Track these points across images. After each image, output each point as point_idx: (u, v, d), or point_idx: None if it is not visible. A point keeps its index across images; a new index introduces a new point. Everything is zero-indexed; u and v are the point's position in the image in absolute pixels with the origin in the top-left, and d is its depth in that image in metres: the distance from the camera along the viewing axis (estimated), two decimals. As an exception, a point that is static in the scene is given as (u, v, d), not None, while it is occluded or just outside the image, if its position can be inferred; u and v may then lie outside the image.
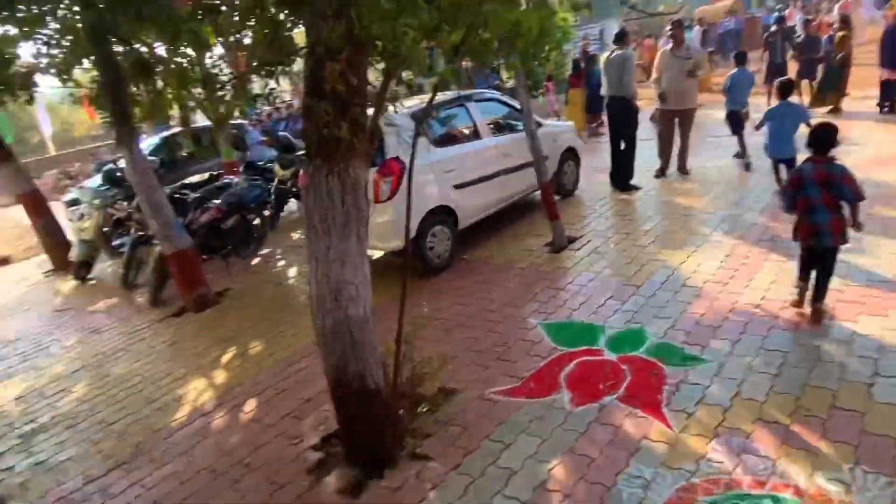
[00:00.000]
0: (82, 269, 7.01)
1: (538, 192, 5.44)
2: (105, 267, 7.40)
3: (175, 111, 5.70)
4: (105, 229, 6.95)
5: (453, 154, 5.16)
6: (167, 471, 2.95)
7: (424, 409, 3.01)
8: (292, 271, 5.98)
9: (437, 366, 3.34)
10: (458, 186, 5.10)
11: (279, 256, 6.61)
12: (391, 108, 2.95)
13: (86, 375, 4.33)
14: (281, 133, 9.77)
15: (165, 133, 9.70)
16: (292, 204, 8.17)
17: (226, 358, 4.16)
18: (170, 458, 3.05)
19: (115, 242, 6.92)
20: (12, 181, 7.76)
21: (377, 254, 5.42)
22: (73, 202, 8.64)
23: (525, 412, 2.86)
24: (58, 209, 8.42)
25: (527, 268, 4.75)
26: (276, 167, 7.74)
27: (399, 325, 2.91)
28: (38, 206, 7.82)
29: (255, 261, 6.51)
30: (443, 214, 4.98)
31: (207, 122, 8.91)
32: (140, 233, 5.97)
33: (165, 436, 3.28)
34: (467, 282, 4.69)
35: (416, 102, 5.04)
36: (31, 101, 6.42)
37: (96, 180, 8.78)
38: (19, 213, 9.16)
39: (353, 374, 2.52)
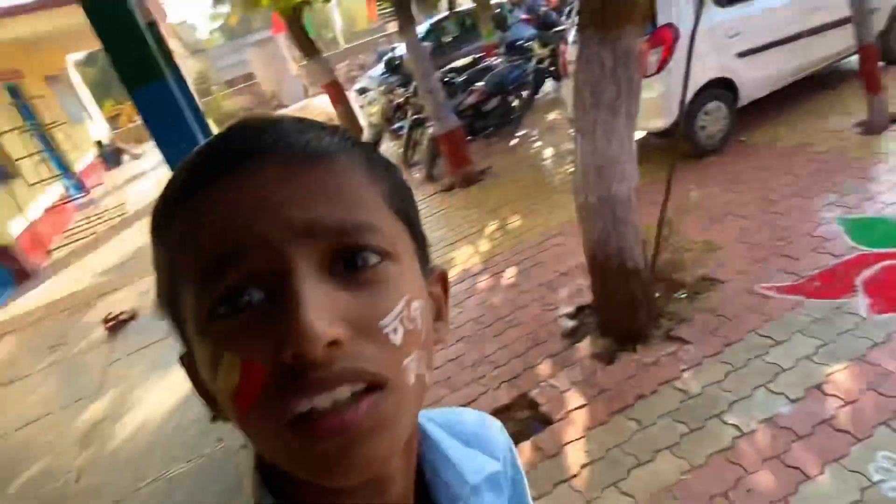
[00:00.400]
0: (372, 148, 8.24)
1: (853, 58, 4.36)
2: (390, 147, 8.57)
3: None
4: (388, 115, 7.96)
5: (740, 14, 4.38)
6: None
7: (683, 296, 2.93)
8: (548, 152, 6.08)
9: (700, 253, 3.17)
10: (743, 54, 4.38)
11: (535, 137, 6.74)
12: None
13: (380, 235, 5.26)
14: (542, 8, 9.50)
15: (433, 19, 10.28)
16: (548, 85, 8.09)
17: (489, 229, 4.58)
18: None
19: (395, 125, 7.90)
20: (319, 73, 9.27)
21: (639, 134, 5.13)
22: (362, 90, 10.00)
23: (804, 312, 2.57)
24: (351, 97, 9.84)
25: (826, 152, 3.98)
26: (536, 45, 7.66)
27: (662, 207, 2.81)
28: (337, 94, 9.26)
29: (513, 141, 6.77)
30: (720, 88, 4.39)
31: (471, 5, 9.12)
32: (416, 116, 6.69)
33: (442, 289, 3.87)
34: (744, 167, 4.17)
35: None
36: (327, -1, 7.40)
37: (379, 69, 9.93)
38: (324, 101, 10.99)
39: (612, 250, 2.56)
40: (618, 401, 2.39)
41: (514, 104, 6.76)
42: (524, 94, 7.00)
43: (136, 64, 1.44)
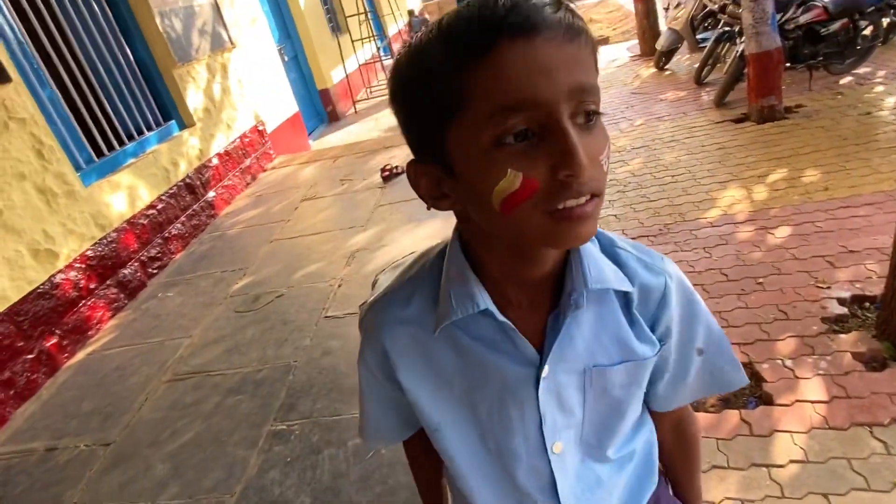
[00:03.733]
0: (663, 58, 7.49)
1: None
2: (682, 59, 7.69)
3: None
4: (694, 22, 7.03)
5: None
6: (686, 255, 3.25)
7: None
8: (890, 101, 4.79)
9: None
10: None
11: (879, 79, 5.33)
12: None
13: (641, 154, 4.93)
14: None
15: None
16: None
17: (772, 177, 3.94)
18: (690, 248, 3.33)
19: (700, 36, 6.97)
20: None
21: None
22: (674, -10, 8.89)
23: None
24: (659, -4, 8.86)
25: None
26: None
27: None
28: (643, -9, 8.43)
29: (846, 79, 5.47)
30: None
31: None
32: (726, 28, 5.79)
33: (692, 227, 3.54)
34: None
35: None
36: None
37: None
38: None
39: (936, 241, 2.01)
40: (867, 413, 2.00)
41: (864, 31, 5.35)
42: (885, 20, 5.46)
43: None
